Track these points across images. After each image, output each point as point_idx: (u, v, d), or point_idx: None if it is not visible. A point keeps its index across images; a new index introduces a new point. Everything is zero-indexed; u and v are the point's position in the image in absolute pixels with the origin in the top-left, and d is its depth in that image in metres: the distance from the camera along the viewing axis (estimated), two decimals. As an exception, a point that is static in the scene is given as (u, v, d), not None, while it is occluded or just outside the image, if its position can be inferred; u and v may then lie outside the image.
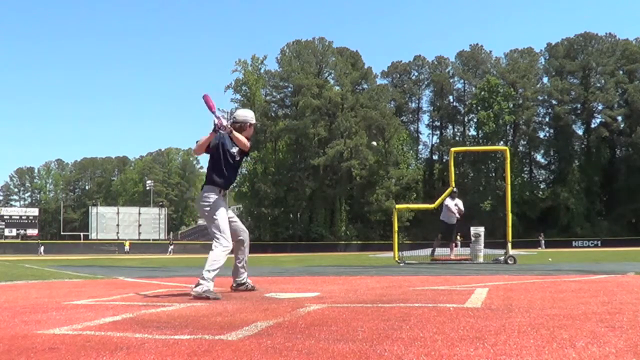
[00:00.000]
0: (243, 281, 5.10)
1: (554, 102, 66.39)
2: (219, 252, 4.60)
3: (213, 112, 4.66)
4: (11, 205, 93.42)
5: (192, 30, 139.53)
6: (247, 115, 5.04)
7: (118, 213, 60.92)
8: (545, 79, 69.99)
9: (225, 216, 4.75)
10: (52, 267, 12.68)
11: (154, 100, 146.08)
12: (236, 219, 5.02)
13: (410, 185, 67.02)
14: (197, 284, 4.47)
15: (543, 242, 50.14)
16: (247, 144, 4.81)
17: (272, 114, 66.78)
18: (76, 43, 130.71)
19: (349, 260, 17.49)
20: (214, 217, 4.68)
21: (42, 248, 49.92)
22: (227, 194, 4.91)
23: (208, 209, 4.71)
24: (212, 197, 4.74)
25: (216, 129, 4.63)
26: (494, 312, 3.29)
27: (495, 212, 52.18)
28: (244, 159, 5.13)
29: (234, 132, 4.72)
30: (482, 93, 66.17)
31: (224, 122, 4.65)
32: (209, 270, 4.49)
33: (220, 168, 4.81)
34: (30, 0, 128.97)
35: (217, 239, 4.64)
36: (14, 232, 65.12)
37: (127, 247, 51.03)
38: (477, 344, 2.26)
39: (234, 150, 4.85)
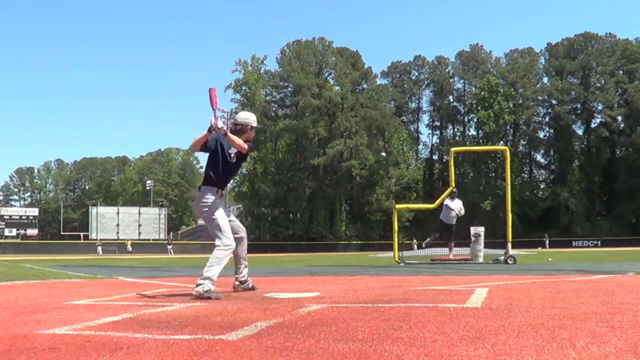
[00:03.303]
0: (244, 279, 5.13)
1: (554, 102, 66.40)
2: (221, 252, 4.62)
3: (213, 110, 4.63)
4: (11, 205, 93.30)
5: (193, 30, 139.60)
6: (249, 117, 5.02)
7: (118, 213, 60.88)
8: (545, 79, 70.02)
9: (224, 215, 4.76)
10: (52, 267, 12.67)
11: (154, 100, 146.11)
12: (234, 217, 5.02)
13: (410, 185, 67.08)
14: (198, 284, 4.47)
15: (547, 242, 50.38)
16: (244, 146, 4.74)
17: (272, 114, 66.78)
18: (76, 43, 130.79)
19: (349, 260, 17.49)
20: (213, 216, 4.70)
21: (130, 247, 50.20)
22: (224, 194, 4.88)
23: (207, 209, 4.71)
24: (210, 197, 4.73)
25: (211, 129, 4.62)
26: (494, 312, 3.29)
27: (495, 212, 52.20)
28: (243, 161, 5.08)
29: (229, 134, 4.67)
30: (482, 93, 66.19)
31: (220, 124, 4.62)
32: (209, 270, 4.51)
33: (217, 168, 4.80)
34: (30, 1, 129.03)
35: (219, 238, 4.64)
36: (14, 232, 65.10)
37: (129, 247, 50.99)
38: (477, 344, 2.26)
39: (232, 150, 4.81)
